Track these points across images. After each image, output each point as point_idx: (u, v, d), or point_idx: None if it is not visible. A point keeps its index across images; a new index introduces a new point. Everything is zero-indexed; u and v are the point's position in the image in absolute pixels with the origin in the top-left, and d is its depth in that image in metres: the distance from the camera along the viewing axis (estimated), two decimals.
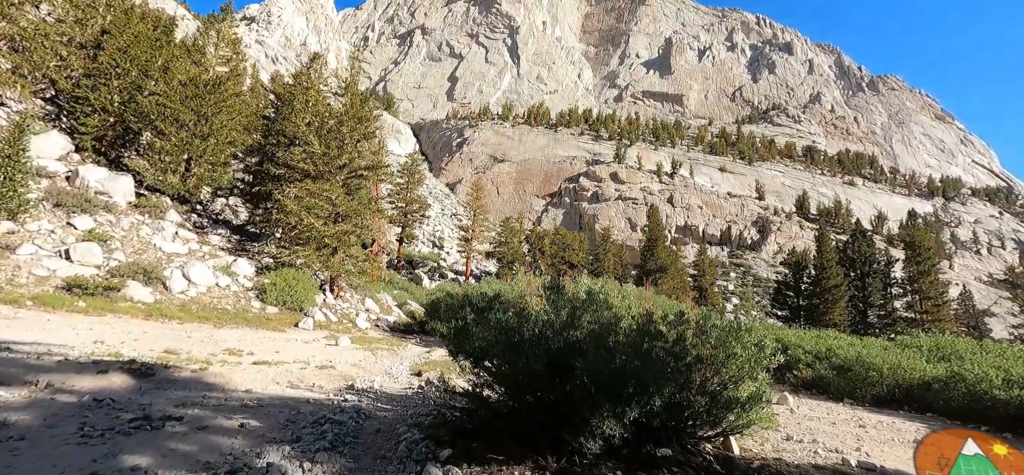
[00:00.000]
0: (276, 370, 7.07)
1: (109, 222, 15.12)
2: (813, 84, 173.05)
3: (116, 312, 9.77)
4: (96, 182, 16.56)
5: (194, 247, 16.45)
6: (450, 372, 7.59)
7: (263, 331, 11.38)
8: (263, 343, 9.41)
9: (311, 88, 21.01)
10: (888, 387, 9.86)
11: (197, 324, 10.36)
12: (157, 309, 10.77)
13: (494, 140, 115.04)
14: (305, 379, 6.95)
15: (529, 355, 3.78)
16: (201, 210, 21.17)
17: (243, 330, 10.89)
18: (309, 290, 15.84)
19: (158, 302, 11.61)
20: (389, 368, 8.82)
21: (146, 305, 11.12)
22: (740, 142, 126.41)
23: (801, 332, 16.03)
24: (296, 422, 4.64)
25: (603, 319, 4.46)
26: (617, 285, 13.97)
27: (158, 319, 10.06)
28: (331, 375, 7.49)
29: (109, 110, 19.40)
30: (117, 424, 3.87)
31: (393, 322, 19.07)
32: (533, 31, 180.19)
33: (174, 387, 5.16)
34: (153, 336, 8.11)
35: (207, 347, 7.92)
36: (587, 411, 3.32)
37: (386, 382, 7.51)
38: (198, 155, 19.29)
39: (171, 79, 19.49)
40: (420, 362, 9.37)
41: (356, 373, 7.96)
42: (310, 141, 16.86)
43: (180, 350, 7.27)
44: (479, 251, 48.62)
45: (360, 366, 8.60)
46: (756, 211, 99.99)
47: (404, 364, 9.30)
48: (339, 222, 17.93)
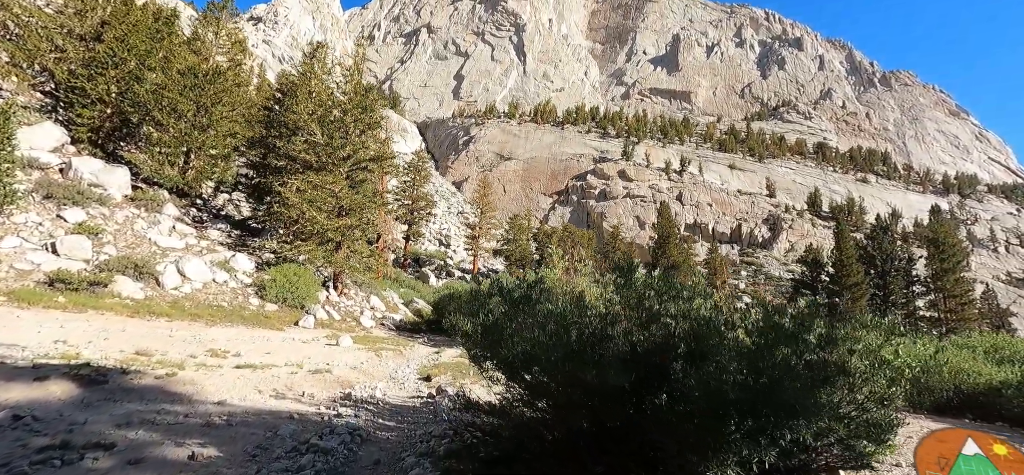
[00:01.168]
0: (261, 375, 6.30)
1: (102, 215, 14.43)
2: (824, 80, 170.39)
3: (100, 309, 9.02)
4: (90, 174, 15.88)
5: (192, 242, 15.72)
6: (464, 376, 6.76)
7: (259, 330, 10.59)
8: (255, 343, 8.62)
9: (314, 78, 20.23)
10: (948, 393, 8.87)
11: (187, 322, 9.58)
12: (145, 306, 10.01)
13: (500, 138, 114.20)
14: (294, 386, 6.15)
15: (597, 364, 2.80)
16: (201, 205, 20.49)
17: (237, 329, 10.11)
18: (311, 287, 15.06)
19: (148, 298, 10.85)
20: (394, 371, 8.01)
21: (135, 301, 10.37)
22: (750, 139, 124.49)
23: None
24: (268, 449, 3.71)
25: (696, 314, 3.31)
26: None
27: (145, 316, 9.30)
28: (326, 381, 6.71)
29: (106, 101, 18.74)
30: (17, 456, 2.96)
31: (399, 321, 18.27)
32: (539, 29, 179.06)
33: (127, 398, 4.33)
34: (130, 335, 7.33)
35: (188, 347, 7.14)
36: (691, 448, 2.37)
37: (390, 389, 6.69)
38: (197, 147, 18.60)
39: (170, 69, 18.81)
40: (429, 365, 8.54)
41: (356, 378, 7.18)
42: (312, 130, 16.07)
43: (154, 351, 6.48)
44: (486, 249, 47.80)
45: (361, 369, 7.79)
46: (767, 209, 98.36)
47: (411, 367, 8.48)
48: (343, 216, 17.16)
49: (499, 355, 3.29)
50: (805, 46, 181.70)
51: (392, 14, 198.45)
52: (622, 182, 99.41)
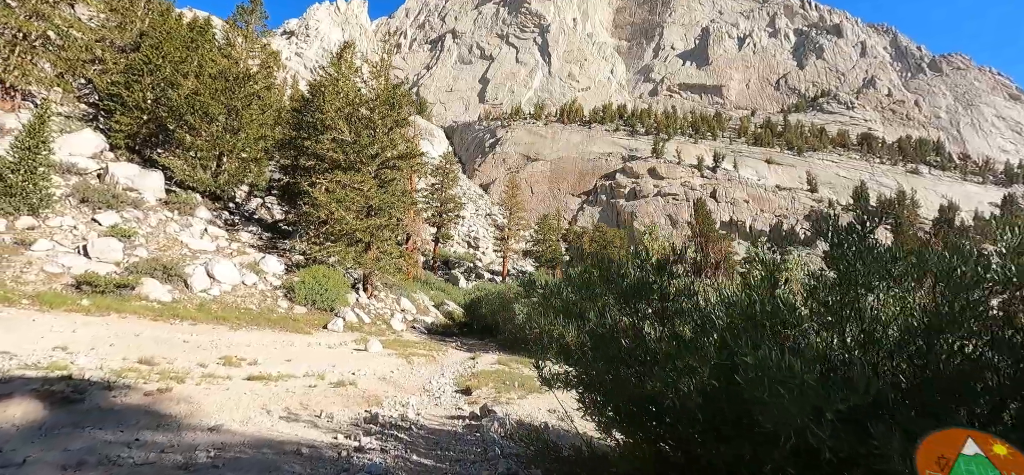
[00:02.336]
0: (274, 390, 5.63)
1: (136, 218, 14.38)
2: (866, 68, 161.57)
3: (124, 312, 8.66)
4: (126, 179, 15.97)
5: (223, 244, 15.54)
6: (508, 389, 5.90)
7: (286, 333, 10.07)
8: (277, 349, 8.02)
9: (341, 78, 19.91)
10: None
11: (211, 325, 9.14)
12: (171, 309, 9.63)
13: (527, 139, 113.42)
14: (311, 404, 5.31)
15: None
16: (234, 208, 20.51)
17: (263, 333, 9.60)
18: (341, 289, 14.56)
19: (175, 301, 10.51)
20: (428, 382, 7.21)
21: (161, 304, 10.02)
22: (787, 132, 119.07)
23: None
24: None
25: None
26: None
27: (168, 319, 8.90)
28: (349, 396, 5.91)
29: (142, 108, 18.99)
30: None
31: (430, 323, 17.63)
32: (563, 28, 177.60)
33: (100, 423, 3.64)
34: (143, 340, 6.85)
35: (202, 354, 6.57)
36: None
37: (424, 406, 5.87)
38: (228, 150, 18.56)
39: (202, 74, 18.90)
40: (466, 373, 7.71)
41: (384, 391, 6.43)
42: (340, 127, 15.64)
43: (159, 359, 5.93)
44: (516, 250, 46.98)
45: (390, 380, 7.04)
46: (808, 204, 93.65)
47: (446, 376, 7.67)
48: (372, 216, 16.67)
49: (628, 389, 2.15)
50: (845, 32, 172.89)
51: (417, 21, 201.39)
52: (652, 180, 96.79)
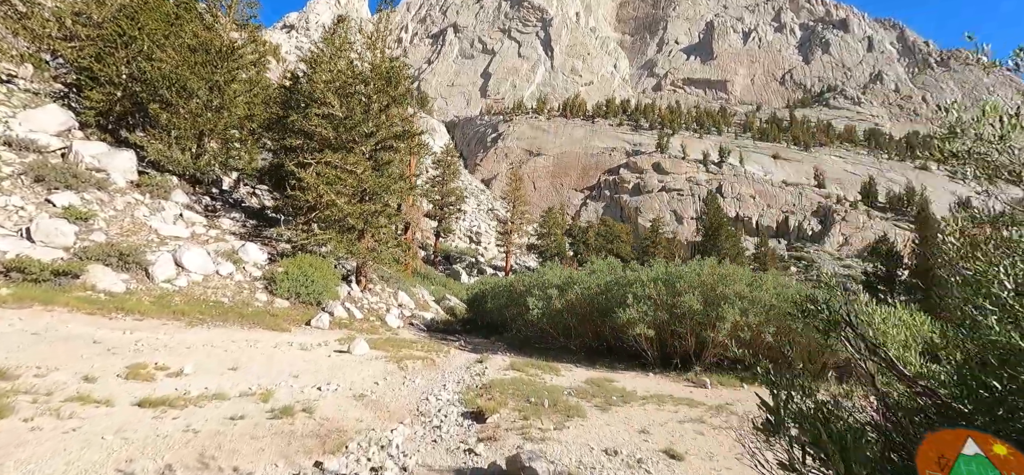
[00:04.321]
0: (166, 426, 3.85)
1: (99, 200, 12.78)
2: (873, 63, 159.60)
3: (55, 304, 7.08)
4: (91, 158, 14.35)
5: (199, 231, 13.93)
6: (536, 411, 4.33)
7: (257, 331, 8.49)
8: (229, 352, 6.37)
9: (335, 54, 18.25)
10: None
11: (162, 321, 7.57)
12: (119, 301, 8.05)
13: (529, 134, 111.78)
14: (217, 454, 3.48)
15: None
16: (217, 193, 18.90)
17: (228, 330, 8.02)
18: (329, 280, 12.97)
19: (129, 292, 8.92)
20: (424, 398, 5.48)
21: (110, 296, 8.43)
22: (794, 127, 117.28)
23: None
24: None
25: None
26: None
27: (109, 314, 7.32)
28: (293, 435, 4.04)
29: (115, 83, 17.34)
30: None
31: (431, 320, 16.04)
32: (566, 23, 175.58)
33: None
34: (39, 340, 5.24)
35: (106, 363, 4.90)
36: None
37: (416, 445, 4.08)
38: (210, 129, 16.92)
39: (180, 46, 17.23)
40: (474, 384, 6.04)
41: (356, 419, 4.60)
42: (329, 101, 14.00)
43: (27, 369, 4.29)
44: (519, 244, 45.38)
45: (370, 399, 5.31)
46: (816, 200, 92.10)
47: (449, 388, 5.97)
48: (366, 201, 15.05)
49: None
50: (851, 27, 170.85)
51: (419, 16, 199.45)
52: (657, 175, 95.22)
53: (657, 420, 4.87)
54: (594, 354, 10.20)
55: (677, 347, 9.05)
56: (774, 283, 8.63)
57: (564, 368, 8.11)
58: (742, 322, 7.91)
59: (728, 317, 7.84)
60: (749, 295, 8.14)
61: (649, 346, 8.79)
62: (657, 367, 8.89)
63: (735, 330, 8.01)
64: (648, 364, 8.96)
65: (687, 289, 8.36)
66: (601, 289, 9.77)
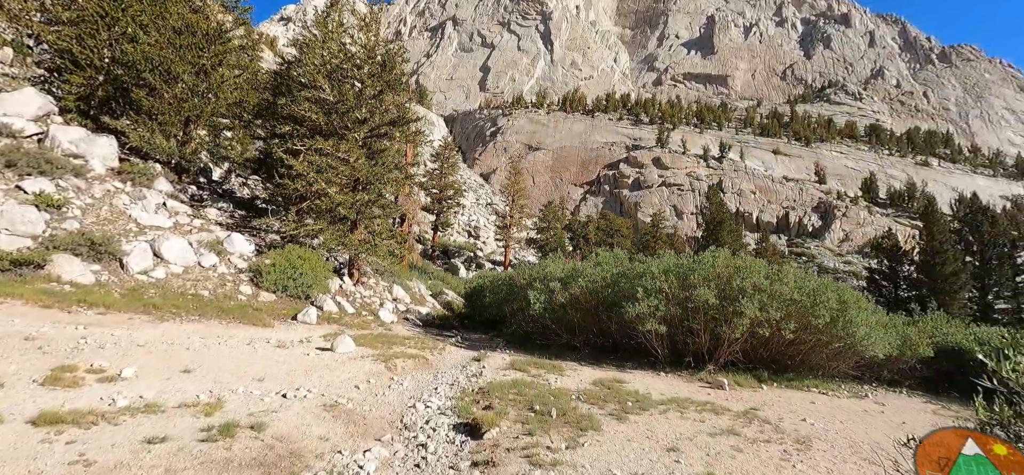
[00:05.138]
0: (36, 457, 3.02)
1: (75, 187, 12.09)
2: (875, 58, 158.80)
3: (10, 296, 6.43)
4: (69, 144, 13.63)
5: (183, 221, 13.25)
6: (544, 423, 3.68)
7: (237, 326, 7.84)
8: (191, 351, 5.65)
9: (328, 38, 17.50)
10: None
11: (130, 315, 6.93)
12: (84, 294, 7.39)
13: (528, 128, 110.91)
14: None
15: None
16: (205, 183, 18.20)
17: (203, 325, 7.38)
18: (319, 273, 12.31)
19: (99, 284, 8.26)
20: (411, 405, 4.77)
21: (77, 287, 7.77)
22: (794, 122, 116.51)
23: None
24: None
25: None
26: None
27: (69, 307, 6.68)
28: (228, 464, 3.32)
29: (97, 66, 16.57)
30: None
31: (427, 315, 15.42)
32: (566, 16, 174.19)
33: None
34: None
35: (33, 364, 4.15)
36: None
37: (394, 470, 3.35)
38: (196, 115, 16.19)
39: (165, 28, 16.46)
40: (470, 387, 5.35)
41: (320, 437, 3.86)
42: (320, 84, 13.30)
43: None
44: (518, 239, 44.75)
45: (344, 409, 4.55)
46: (816, 196, 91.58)
47: (441, 391, 5.24)
48: (359, 190, 14.37)
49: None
50: (853, 22, 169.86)
51: (417, 8, 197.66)
52: (657, 170, 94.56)
53: (684, 432, 4.24)
54: (599, 352, 9.59)
55: (689, 344, 8.44)
56: (794, 276, 8.00)
57: (569, 367, 7.49)
58: (762, 317, 7.28)
59: (746, 312, 7.22)
60: (768, 288, 7.51)
61: (660, 343, 8.17)
62: (668, 366, 8.28)
63: (754, 326, 7.39)
64: (658, 363, 8.35)
65: (701, 282, 7.73)
66: (607, 282, 9.14)
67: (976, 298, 30.71)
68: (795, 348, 8.65)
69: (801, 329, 8.02)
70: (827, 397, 7.06)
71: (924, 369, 10.45)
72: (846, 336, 7.96)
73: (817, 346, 8.59)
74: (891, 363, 9.93)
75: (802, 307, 7.64)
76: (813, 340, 8.48)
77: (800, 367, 8.80)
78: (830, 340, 8.39)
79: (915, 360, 10.10)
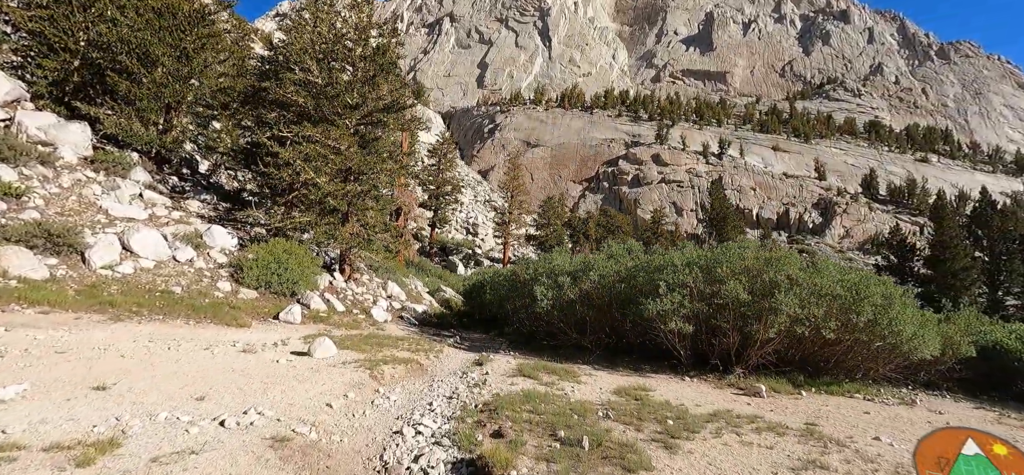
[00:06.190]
0: None
1: (41, 176, 11.14)
2: (874, 55, 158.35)
3: None
4: (38, 131, 12.67)
5: (161, 213, 12.31)
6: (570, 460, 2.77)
7: (206, 327, 6.95)
8: (126, 359, 4.56)
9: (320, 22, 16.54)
10: None
11: (78, 315, 6.03)
12: (29, 291, 6.49)
13: (527, 125, 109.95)
14: None
15: None
16: (188, 174, 17.25)
17: (165, 326, 6.48)
18: (307, 268, 11.41)
19: (52, 280, 7.34)
20: (396, 432, 3.76)
21: (25, 283, 6.86)
22: (794, 119, 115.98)
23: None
24: None
25: None
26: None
27: (5, 305, 5.75)
28: None
29: (72, 50, 15.59)
30: None
31: (423, 313, 14.54)
32: (564, 12, 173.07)
33: None
34: None
35: None
36: None
37: None
38: (176, 101, 15.23)
39: (145, 8, 15.48)
40: (473, 403, 4.21)
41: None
42: (308, 67, 12.37)
43: None
44: (517, 235, 43.88)
45: (298, 444, 3.53)
46: (817, 192, 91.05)
47: (437, 406, 4.07)
48: (350, 181, 13.45)
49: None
50: (852, 18, 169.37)
51: (414, 4, 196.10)
52: (657, 167, 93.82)
53: (755, 465, 3.32)
54: (612, 353, 8.73)
55: (714, 345, 7.58)
56: (836, 268, 7.14)
57: (582, 372, 6.63)
58: (802, 314, 6.42)
59: (784, 309, 6.36)
60: (808, 282, 6.65)
61: (682, 344, 7.31)
62: (692, 369, 7.42)
63: (792, 324, 6.54)
64: (680, 366, 7.49)
65: (730, 275, 6.87)
66: (621, 277, 8.27)
67: (986, 294, 30.03)
68: (830, 349, 7.81)
69: (840, 328, 7.18)
70: (876, 405, 6.23)
71: (963, 370, 9.65)
72: (890, 335, 7.11)
73: (855, 346, 7.75)
74: (929, 364, 9.11)
75: (844, 303, 6.80)
76: (851, 340, 7.65)
77: (834, 369, 7.96)
78: (871, 339, 7.56)
79: (954, 360, 9.29)
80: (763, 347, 7.13)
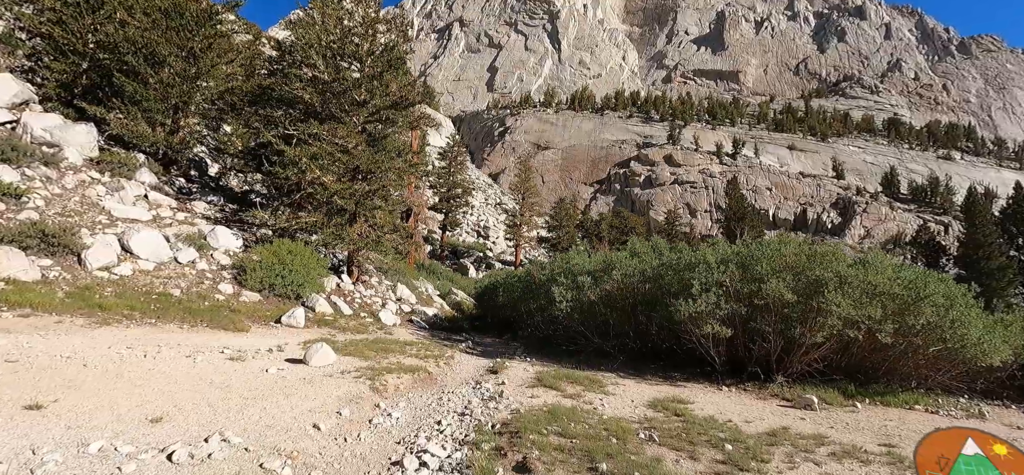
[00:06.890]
0: None
1: (44, 177, 10.89)
2: (891, 50, 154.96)
3: None
4: (43, 132, 12.46)
5: (165, 214, 12.00)
6: None
7: (198, 332, 6.49)
8: (90, 368, 3.87)
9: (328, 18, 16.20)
10: None
11: (61, 318, 5.61)
12: (13, 293, 6.09)
13: (537, 127, 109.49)
14: None
15: None
16: (196, 175, 17.01)
17: (155, 330, 6.03)
18: (313, 270, 10.97)
19: (43, 282, 6.96)
20: (395, 462, 3.06)
21: (12, 285, 6.48)
22: (810, 117, 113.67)
23: None
24: None
25: None
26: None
27: None
28: None
29: (81, 52, 15.46)
30: None
31: (434, 316, 14.02)
32: (573, 15, 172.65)
33: None
34: None
35: None
36: None
37: None
38: (184, 101, 14.99)
39: (152, 9, 15.30)
40: (489, 417, 3.42)
41: None
42: (312, 59, 11.99)
43: None
44: (529, 238, 43.31)
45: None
46: (835, 192, 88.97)
47: (446, 427, 3.58)
48: (358, 180, 13.01)
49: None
50: (868, 14, 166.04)
51: (424, 10, 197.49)
52: (669, 168, 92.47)
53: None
54: (636, 358, 8.08)
55: (751, 351, 6.90)
56: (892, 265, 6.42)
57: (608, 381, 6.00)
58: (857, 316, 5.72)
59: (835, 310, 5.67)
60: (861, 280, 5.95)
61: (718, 350, 6.64)
62: (727, 377, 6.75)
63: (845, 327, 5.84)
64: (715, 373, 6.82)
65: (772, 272, 6.19)
66: (647, 276, 7.63)
67: (1022, 294, 28.61)
68: (880, 355, 7.07)
69: (895, 331, 6.45)
70: (943, 417, 5.50)
71: (1021, 376, 8.80)
72: (953, 338, 6.37)
73: (909, 351, 7.00)
74: (987, 371, 8.28)
75: (902, 303, 6.08)
76: (904, 344, 6.90)
77: (886, 377, 7.21)
78: (927, 343, 6.80)
79: (1015, 366, 8.45)
80: (808, 353, 6.43)
